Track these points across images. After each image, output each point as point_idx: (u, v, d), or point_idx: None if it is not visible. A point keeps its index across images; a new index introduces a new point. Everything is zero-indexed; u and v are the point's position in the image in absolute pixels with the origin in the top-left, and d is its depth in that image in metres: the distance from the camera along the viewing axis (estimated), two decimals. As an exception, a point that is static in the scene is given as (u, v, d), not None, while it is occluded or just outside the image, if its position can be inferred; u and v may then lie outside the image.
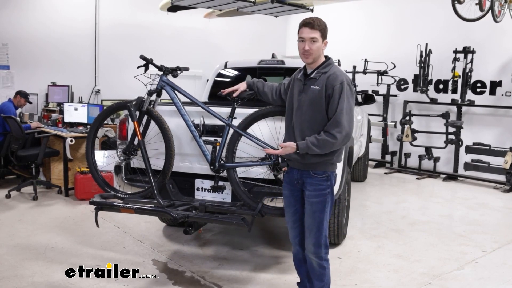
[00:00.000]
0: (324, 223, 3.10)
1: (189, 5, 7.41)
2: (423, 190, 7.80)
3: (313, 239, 3.10)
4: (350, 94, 3.01)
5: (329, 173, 3.09)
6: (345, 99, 2.96)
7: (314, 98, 3.03)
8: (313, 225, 3.09)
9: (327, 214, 3.11)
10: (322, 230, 3.09)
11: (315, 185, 3.08)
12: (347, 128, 2.95)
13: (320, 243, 3.10)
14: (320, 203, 3.08)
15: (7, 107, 7.01)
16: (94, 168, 4.17)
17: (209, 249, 4.71)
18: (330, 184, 3.09)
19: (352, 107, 3.02)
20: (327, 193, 3.08)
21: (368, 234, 5.30)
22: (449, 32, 8.60)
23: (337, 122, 2.93)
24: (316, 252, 3.12)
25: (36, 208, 6.05)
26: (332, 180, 3.11)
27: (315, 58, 3.11)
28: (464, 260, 4.60)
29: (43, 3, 8.63)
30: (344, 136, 2.94)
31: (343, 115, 2.93)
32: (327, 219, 3.12)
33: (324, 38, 3.14)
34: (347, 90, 2.99)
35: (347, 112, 2.96)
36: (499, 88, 8.11)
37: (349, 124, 2.97)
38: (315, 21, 3.10)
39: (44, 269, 4.12)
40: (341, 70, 3.11)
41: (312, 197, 3.09)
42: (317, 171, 3.07)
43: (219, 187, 3.96)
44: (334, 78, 3.01)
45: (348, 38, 10.49)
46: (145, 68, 4.01)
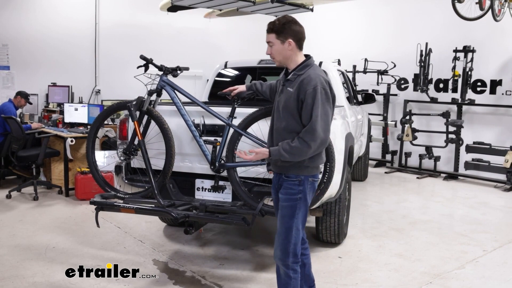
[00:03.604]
0: (293, 230, 2.92)
1: (189, 5, 7.42)
2: (424, 189, 7.80)
3: (280, 245, 2.95)
4: (326, 99, 2.82)
5: (302, 177, 2.91)
6: (320, 105, 2.78)
7: (288, 101, 2.89)
8: (281, 230, 2.96)
9: (298, 221, 2.92)
10: (290, 237, 2.92)
11: (287, 189, 2.94)
12: (322, 136, 2.79)
13: (287, 251, 2.93)
14: (289, 208, 2.92)
15: (8, 107, 7.01)
16: (94, 168, 4.17)
17: (209, 249, 4.71)
18: (302, 189, 2.91)
19: (328, 112, 2.83)
20: (298, 199, 2.91)
21: (368, 233, 5.30)
22: (449, 31, 8.60)
23: (312, 130, 2.78)
24: (282, 260, 2.95)
25: (36, 209, 6.05)
26: (305, 185, 2.92)
27: (281, 61, 2.97)
28: (465, 259, 4.59)
29: (43, 3, 8.64)
30: (319, 144, 2.80)
31: (317, 122, 2.77)
32: (298, 226, 2.93)
33: (285, 38, 2.90)
34: (322, 95, 2.80)
35: (323, 119, 2.79)
36: (499, 87, 8.10)
37: (325, 132, 2.81)
38: (270, 24, 2.94)
39: (45, 269, 4.12)
40: (317, 73, 2.88)
41: (283, 201, 2.96)
42: (289, 174, 2.92)
43: (219, 187, 3.97)
44: (307, 82, 2.82)
45: (348, 37, 10.51)
46: (145, 68, 4.02)
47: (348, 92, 6.14)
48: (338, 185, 4.15)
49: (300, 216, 2.93)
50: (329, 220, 4.58)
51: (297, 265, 2.98)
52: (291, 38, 2.90)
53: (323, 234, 4.71)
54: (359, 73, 9.66)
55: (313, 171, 2.96)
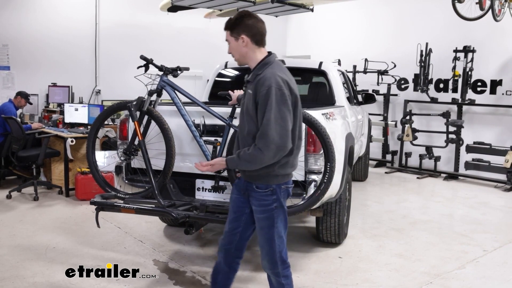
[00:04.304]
0: (276, 239, 2.79)
1: (189, 5, 7.41)
2: (424, 189, 7.80)
3: (266, 256, 2.84)
4: (282, 101, 2.56)
5: (274, 187, 2.73)
6: (273, 107, 2.54)
7: (248, 105, 2.69)
8: (263, 242, 2.84)
9: (279, 230, 2.79)
10: (274, 247, 2.79)
11: (260, 200, 2.76)
12: (276, 140, 2.54)
13: (274, 260, 2.82)
14: (266, 220, 2.78)
15: (8, 107, 7.01)
16: (94, 168, 4.17)
17: (210, 249, 4.71)
18: (276, 198, 2.74)
19: (284, 115, 2.57)
20: (274, 208, 2.75)
21: (369, 233, 5.30)
22: (449, 31, 8.60)
23: (264, 134, 2.55)
24: (271, 269, 2.86)
25: (37, 209, 6.05)
26: (278, 193, 2.74)
27: (239, 59, 2.82)
28: (465, 259, 4.59)
29: (44, 4, 8.64)
30: (274, 150, 2.55)
31: (270, 126, 2.53)
32: (280, 234, 2.80)
33: (238, 35, 2.73)
34: (276, 96, 2.55)
35: (277, 123, 2.54)
36: (499, 87, 8.10)
37: (281, 137, 2.55)
38: (226, 21, 2.81)
39: (45, 269, 4.12)
40: (274, 71, 2.63)
41: (258, 213, 2.80)
42: (259, 184, 2.73)
43: (220, 187, 3.97)
44: (262, 83, 2.60)
45: (349, 37, 10.51)
46: (145, 68, 4.02)
47: (348, 92, 6.14)
48: (338, 185, 4.16)
49: (280, 224, 2.80)
50: (329, 220, 4.58)
51: (287, 270, 2.89)
52: (244, 34, 2.72)
53: (323, 234, 4.71)
54: (359, 73, 9.66)
55: (284, 179, 2.78)
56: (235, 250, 2.97)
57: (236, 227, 2.93)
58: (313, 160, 3.82)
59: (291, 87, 2.64)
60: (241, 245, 2.97)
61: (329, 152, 3.57)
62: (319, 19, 10.81)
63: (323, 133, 3.57)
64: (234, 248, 2.96)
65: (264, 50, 2.78)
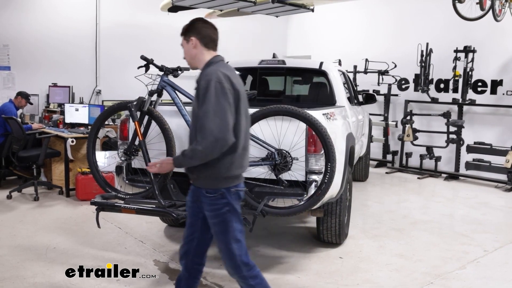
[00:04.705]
0: (232, 244, 2.74)
1: (190, 6, 7.40)
2: (425, 189, 7.79)
3: (227, 261, 2.81)
4: (221, 93, 2.55)
5: (223, 190, 2.68)
6: (212, 99, 2.53)
7: (194, 103, 2.71)
8: (220, 247, 2.80)
9: (234, 234, 2.74)
10: (232, 251, 2.74)
11: (211, 205, 2.72)
12: (215, 132, 2.49)
13: (236, 264, 2.77)
14: (220, 225, 2.74)
15: (8, 108, 7.01)
16: (95, 168, 4.17)
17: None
18: (227, 202, 2.69)
19: (224, 108, 2.54)
20: (226, 212, 2.70)
21: (369, 233, 5.29)
22: (450, 31, 8.60)
23: (202, 127, 2.53)
24: (236, 273, 2.81)
25: (37, 209, 6.05)
26: (228, 197, 2.69)
27: (190, 62, 2.87)
28: (466, 259, 4.59)
29: (44, 4, 8.64)
30: (213, 142, 2.51)
31: (207, 118, 2.51)
32: (236, 237, 2.74)
33: (189, 37, 2.81)
34: (215, 89, 2.55)
35: (216, 115, 2.51)
36: (500, 87, 8.09)
37: (220, 129, 2.50)
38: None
39: (46, 270, 4.12)
40: (217, 68, 2.66)
41: (211, 218, 2.76)
42: (208, 189, 2.70)
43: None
44: (203, 78, 2.64)
45: (349, 37, 10.51)
46: (145, 69, 4.02)
47: (349, 93, 6.13)
48: (339, 186, 4.15)
49: (234, 228, 2.74)
50: (330, 220, 4.58)
51: (253, 270, 2.82)
52: (193, 36, 2.78)
53: (324, 234, 4.71)
54: (359, 73, 9.65)
55: (233, 182, 2.73)
56: (194, 256, 2.94)
57: (193, 232, 2.91)
58: (313, 160, 3.82)
59: (232, 82, 2.64)
60: (200, 251, 2.94)
61: (329, 152, 3.57)
62: (320, 19, 10.80)
63: (323, 133, 3.56)
64: (192, 253, 2.93)
65: (213, 53, 2.83)
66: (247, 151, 2.81)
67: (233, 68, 2.81)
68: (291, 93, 6.46)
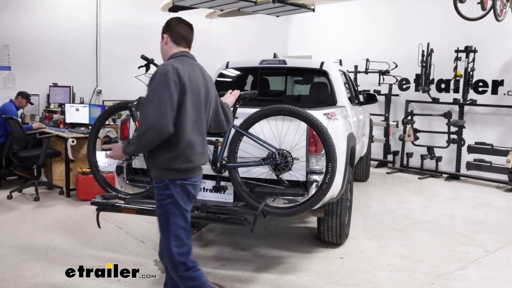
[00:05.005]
0: (171, 239, 2.72)
1: (190, 5, 7.40)
2: (425, 189, 7.78)
3: (165, 256, 2.79)
4: (163, 84, 2.59)
5: (167, 181, 2.70)
6: (154, 90, 2.60)
7: None
8: (163, 241, 2.78)
9: (175, 229, 2.73)
10: (171, 246, 2.72)
11: (156, 195, 2.77)
12: (149, 121, 2.55)
13: (173, 262, 2.74)
14: (161, 216, 2.75)
15: (9, 108, 7.01)
16: (95, 168, 4.16)
17: (211, 249, 4.70)
18: (170, 193, 2.70)
19: (163, 98, 2.57)
20: (168, 204, 2.71)
21: (370, 234, 5.28)
22: (451, 31, 8.59)
23: (141, 115, 2.65)
24: (173, 271, 2.78)
25: (37, 209, 6.04)
26: (172, 188, 2.70)
27: (163, 58, 2.98)
28: (467, 260, 4.58)
29: (45, 4, 8.63)
30: (145, 129, 2.56)
31: (146, 106, 2.59)
32: (177, 234, 2.73)
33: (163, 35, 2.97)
34: (159, 80, 2.61)
35: (154, 103, 2.56)
36: (501, 87, 8.07)
37: (156, 118, 2.54)
38: None
39: (46, 270, 4.11)
40: (170, 62, 2.73)
41: (156, 209, 2.80)
42: (155, 179, 2.76)
43: (221, 187, 3.96)
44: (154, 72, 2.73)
45: (350, 37, 10.50)
46: (146, 68, 4.00)
47: (349, 92, 6.13)
48: (340, 186, 4.15)
49: (175, 223, 2.72)
50: (331, 220, 4.57)
51: (191, 272, 2.76)
52: (165, 34, 2.92)
53: (325, 234, 4.70)
54: (360, 73, 9.65)
55: (181, 175, 2.72)
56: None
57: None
58: (314, 160, 3.80)
59: (180, 75, 2.65)
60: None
61: (330, 152, 3.55)
62: (321, 19, 10.79)
63: (324, 133, 3.55)
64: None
65: (183, 50, 2.90)
66: (197, 145, 2.77)
67: (193, 64, 2.86)
68: (292, 93, 6.46)
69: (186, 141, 2.69)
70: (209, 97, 2.90)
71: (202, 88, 2.83)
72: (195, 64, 2.90)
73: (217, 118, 3.10)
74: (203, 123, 2.85)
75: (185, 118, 2.67)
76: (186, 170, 2.74)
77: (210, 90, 2.90)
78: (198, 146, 2.78)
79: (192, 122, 2.72)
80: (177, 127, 2.64)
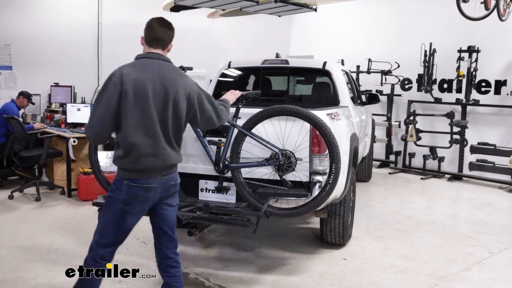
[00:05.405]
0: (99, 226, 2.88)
1: (192, 5, 7.38)
2: (428, 190, 7.75)
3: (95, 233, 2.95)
4: (103, 88, 2.74)
5: (117, 178, 2.84)
6: (99, 92, 2.77)
7: None
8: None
9: (104, 220, 2.85)
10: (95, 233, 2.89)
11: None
12: (88, 121, 2.76)
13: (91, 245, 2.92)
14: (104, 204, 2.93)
15: (10, 107, 6.99)
16: (97, 168, 4.14)
17: (213, 250, 4.67)
18: (115, 188, 2.82)
19: (97, 102, 2.73)
20: (109, 196, 2.86)
21: (373, 234, 5.25)
22: (453, 31, 8.55)
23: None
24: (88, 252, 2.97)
25: (39, 209, 6.02)
26: (118, 185, 2.80)
27: None
28: (471, 261, 4.55)
29: (46, 4, 8.62)
30: (87, 126, 2.78)
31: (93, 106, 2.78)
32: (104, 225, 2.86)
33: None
34: (104, 83, 2.76)
35: (96, 104, 2.75)
36: (504, 87, 8.03)
37: (89, 119, 2.75)
38: None
39: (47, 271, 4.09)
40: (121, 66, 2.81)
41: None
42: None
43: (223, 188, 3.94)
44: None
45: (352, 37, 10.47)
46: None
47: (352, 93, 6.10)
48: (343, 186, 4.13)
49: (107, 216, 2.83)
50: (333, 221, 4.55)
51: (92, 262, 2.92)
52: (143, 34, 3.00)
53: (328, 235, 4.68)
54: (362, 73, 9.61)
55: (128, 175, 2.78)
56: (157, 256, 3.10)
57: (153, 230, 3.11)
58: (317, 161, 3.78)
59: (123, 79, 2.68)
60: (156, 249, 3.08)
61: (334, 153, 3.52)
62: (322, 19, 10.76)
63: (328, 133, 3.52)
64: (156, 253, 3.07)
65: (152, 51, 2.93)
66: (143, 147, 2.73)
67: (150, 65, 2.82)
68: (294, 93, 6.43)
69: (128, 143, 2.73)
70: (168, 97, 2.78)
71: (155, 89, 2.75)
72: (155, 64, 2.84)
73: (205, 116, 3.02)
74: (154, 124, 2.76)
75: (127, 120, 2.70)
76: (133, 171, 2.77)
77: (169, 90, 2.78)
78: (145, 147, 2.74)
79: (136, 123, 2.71)
80: (121, 129, 2.73)
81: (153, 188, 2.81)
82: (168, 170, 2.87)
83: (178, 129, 2.88)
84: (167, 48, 3.00)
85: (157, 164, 2.79)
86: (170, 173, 2.89)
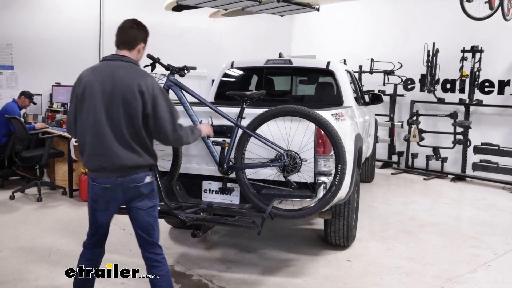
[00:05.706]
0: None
1: (194, 5, 7.33)
2: (431, 190, 7.71)
3: None
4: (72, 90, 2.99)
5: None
6: None
7: None
8: None
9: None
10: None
11: None
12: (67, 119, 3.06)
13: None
14: None
15: (11, 107, 6.96)
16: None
17: (216, 251, 4.63)
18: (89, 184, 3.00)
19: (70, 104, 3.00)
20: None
21: (377, 236, 5.21)
22: (457, 31, 8.51)
23: None
24: None
25: (40, 210, 5.99)
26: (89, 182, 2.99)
27: None
28: (477, 262, 4.51)
29: (47, 3, 8.58)
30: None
31: None
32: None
33: None
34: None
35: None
36: (507, 87, 8.01)
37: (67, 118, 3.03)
38: None
39: (49, 272, 4.06)
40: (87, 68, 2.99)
41: None
42: None
43: (227, 189, 3.90)
44: None
45: (354, 37, 10.43)
46: (152, 68, 3.93)
47: (355, 92, 6.06)
48: (348, 187, 4.08)
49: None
50: (338, 222, 4.51)
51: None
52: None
53: (332, 237, 4.64)
54: (365, 73, 9.58)
55: (90, 174, 2.94)
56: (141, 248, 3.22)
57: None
58: (322, 161, 3.74)
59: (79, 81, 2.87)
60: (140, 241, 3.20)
61: (340, 153, 3.48)
62: (325, 19, 10.73)
63: (334, 134, 3.48)
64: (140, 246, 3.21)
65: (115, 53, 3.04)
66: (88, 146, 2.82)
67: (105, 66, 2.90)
68: (297, 93, 6.39)
69: (80, 142, 2.90)
70: (118, 97, 2.75)
71: (105, 90, 2.76)
72: (113, 66, 2.88)
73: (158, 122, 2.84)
74: (100, 125, 2.75)
75: (79, 120, 2.86)
76: (90, 170, 2.91)
77: (119, 89, 2.75)
78: (93, 147, 2.81)
79: (86, 124, 2.81)
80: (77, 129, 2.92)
81: (108, 188, 2.86)
82: (123, 171, 2.82)
83: (135, 129, 2.80)
84: (137, 49, 3.04)
85: (104, 165, 2.82)
86: (129, 174, 2.83)
